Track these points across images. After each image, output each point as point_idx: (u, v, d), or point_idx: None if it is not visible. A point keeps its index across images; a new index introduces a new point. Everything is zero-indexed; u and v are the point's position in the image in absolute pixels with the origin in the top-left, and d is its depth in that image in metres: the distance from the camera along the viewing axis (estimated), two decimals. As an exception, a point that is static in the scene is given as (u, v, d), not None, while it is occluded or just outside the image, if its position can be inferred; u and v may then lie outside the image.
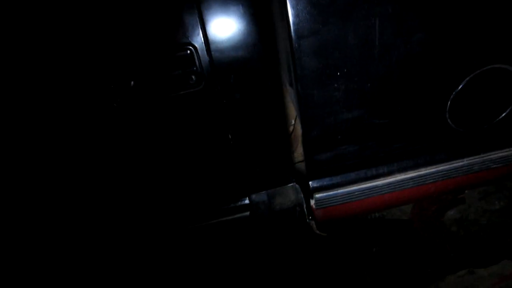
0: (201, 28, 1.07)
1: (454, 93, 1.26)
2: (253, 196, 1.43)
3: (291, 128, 1.50)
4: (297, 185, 1.45)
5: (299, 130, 1.33)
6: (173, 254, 1.63)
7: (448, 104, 1.28)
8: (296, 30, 1.05)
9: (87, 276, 1.50)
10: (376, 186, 1.41)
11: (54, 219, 1.37)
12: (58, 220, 1.37)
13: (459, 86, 1.24)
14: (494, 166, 1.44)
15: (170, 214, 1.44)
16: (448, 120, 1.32)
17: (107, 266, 1.53)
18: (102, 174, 1.31)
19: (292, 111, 1.48)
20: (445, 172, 1.43)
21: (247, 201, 1.44)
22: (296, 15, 1.03)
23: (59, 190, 1.31)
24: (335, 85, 1.16)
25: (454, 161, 1.43)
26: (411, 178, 1.42)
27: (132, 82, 1.10)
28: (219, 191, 1.43)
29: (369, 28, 1.07)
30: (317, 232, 1.55)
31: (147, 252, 1.53)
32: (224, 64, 1.13)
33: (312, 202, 1.41)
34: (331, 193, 1.40)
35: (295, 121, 1.50)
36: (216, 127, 1.26)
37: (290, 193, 1.44)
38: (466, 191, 2.01)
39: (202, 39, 1.09)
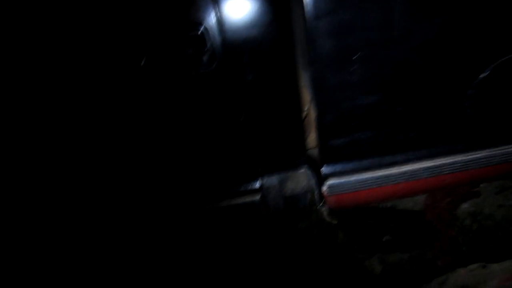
0: (213, 7, 1.05)
1: (475, 81, 1.21)
2: (265, 180, 1.42)
3: (304, 113, 1.48)
4: (309, 171, 1.44)
5: (312, 115, 1.31)
6: (183, 237, 1.64)
7: (468, 93, 1.24)
8: (311, 10, 1.02)
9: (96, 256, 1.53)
10: (390, 175, 1.38)
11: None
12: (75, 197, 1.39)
13: (481, 74, 1.20)
14: (515, 159, 1.40)
15: (184, 195, 1.44)
16: (468, 110, 1.27)
17: (111, 250, 1.55)
18: (112, 156, 1.31)
19: (307, 95, 1.45)
20: (462, 164, 1.38)
21: (258, 185, 1.43)
22: (312, -6, 0.99)
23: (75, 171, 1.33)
24: (351, 68, 1.13)
25: (472, 152, 1.38)
26: (427, 168, 1.38)
27: (143, 61, 1.08)
28: (230, 174, 1.43)
29: (388, 8, 1.03)
30: (328, 219, 1.54)
31: (154, 236, 1.55)
32: (237, 44, 1.11)
33: (324, 188, 1.39)
34: (343, 180, 1.38)
35: (309, 105, 1.47)
36: (229, 109, 1.24)
37: (302, 178, 1.43)
38: (481, 185, 1.96)
39: (215, 18, 1.06)
